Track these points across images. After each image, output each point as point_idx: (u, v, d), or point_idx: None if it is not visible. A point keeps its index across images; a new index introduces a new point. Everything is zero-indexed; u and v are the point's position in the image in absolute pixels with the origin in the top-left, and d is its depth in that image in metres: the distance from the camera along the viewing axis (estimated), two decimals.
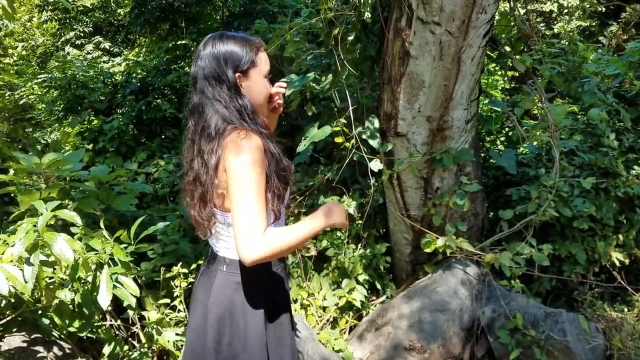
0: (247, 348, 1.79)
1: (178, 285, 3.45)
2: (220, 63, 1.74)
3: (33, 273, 2.00)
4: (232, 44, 1.77)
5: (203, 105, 1.76)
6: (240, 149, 1.62)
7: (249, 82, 1.80)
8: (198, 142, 1.76)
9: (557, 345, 3.11)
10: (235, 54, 1.76)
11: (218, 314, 1.79)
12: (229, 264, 1.82)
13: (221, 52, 1.75)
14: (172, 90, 6.86)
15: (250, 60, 1.78)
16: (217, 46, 1.76)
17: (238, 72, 1.76)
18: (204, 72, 1.75)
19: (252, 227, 1.59)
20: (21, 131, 4.65)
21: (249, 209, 1.60)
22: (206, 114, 1.75)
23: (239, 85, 1.77)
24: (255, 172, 1.63)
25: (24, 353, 2.41)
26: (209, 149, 1.71)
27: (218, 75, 1.74)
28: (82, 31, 11.33)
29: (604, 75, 4.44)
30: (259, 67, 1.82)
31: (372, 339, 3.42)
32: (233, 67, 1.75)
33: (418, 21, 3.05)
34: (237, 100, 1.76)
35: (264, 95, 1.88)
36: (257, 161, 1.64)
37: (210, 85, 1.75)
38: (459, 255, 3.61)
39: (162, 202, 5.37)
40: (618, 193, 3.78)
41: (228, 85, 1.75)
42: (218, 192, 1.72)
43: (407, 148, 3.58)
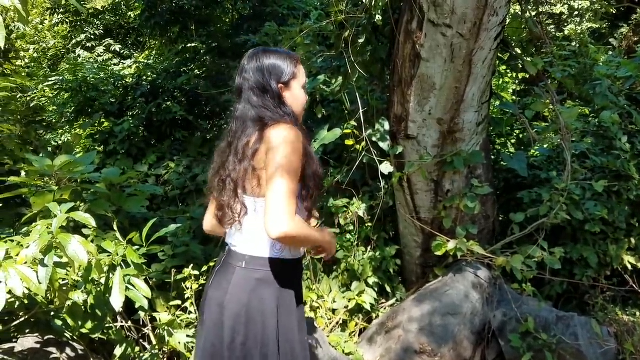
0: (263, 346, 1.80)
1: (189, 287, 3.46)
2: (264, 75, 1.89)
3: (47, 274, 2.02)
4: (274, 57, 1.92)
5: (249, 112, 1.88)
6: (286, 137, 1.75)
7: (290, 92, 1.95)
8: (236, 141, 1.87)
9: (569, 349, 3.09)
10: (278, 67, 1.91)
11: (234, 312, 1.81)
12: (249, 260, 1.85)
13: (265, 65, 1.90)
14: (182, 93, 6.90)
15: (292, 72, 1.93)
16: (261, 60, 1.91)
17: (281, 84, 1.91)
18: (249, 84, 1.90)
19: (286, 205, 1.67)
20: (33, 133, 4.67)
21: (285, 190, 1.69)
22: (252, 117, 1.87)
23: (282, 95, 1.91)
24: (295, 160, 1.75)
25: (37, 354, 2.43)
26: (250, 135, 1.82)
27: (263, 87, 1.89)
28: (93, 34, 11.40)
29: (615, 78, 4.41)
30: (298, 79, 1.97)
31: (382, 342, 3.42)
32: (276, 79, 1.90)
33: (429, 23, 3.05)
34: (281, 108, 1.89)
35: (302, 104, 2.02)
36: (298, 151, 1.76)
37: (256, 95, 1.88)
38: (469, 258, 3.59)
39: (172, 204, 5.40)
40: (630, 196, 3.75)
41: (272, 95, 1.89)
42: (255, 176, 1.81)
43: (417, 150, 3.57)
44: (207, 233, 2.22)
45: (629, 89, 4.29)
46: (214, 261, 3.71)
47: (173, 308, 3.44)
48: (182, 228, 4.17)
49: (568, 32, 10.90)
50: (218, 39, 7.29)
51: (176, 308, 3.45)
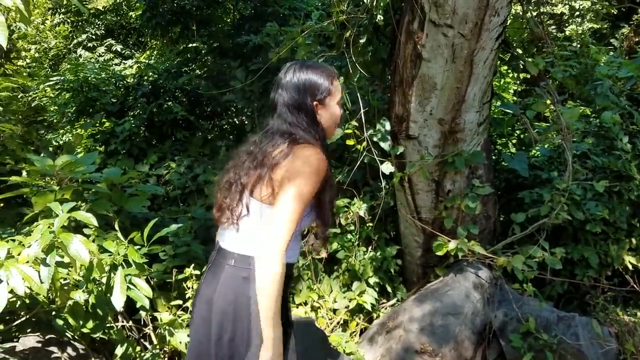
0: (250, 344, 1.79)
1: (190, 286, 3.46)
2: (300, 91, 1.88)
3: (49, 274, 2.02)
4: (311, 73, 1.90)
5: (281, 128, 1.88)
6: (311, 161, 1.76)
7: (325, 109, 1.93)
8: (261, 147, 1.87)
9: (570, 350, 3.09)
10: (313, 84, 1.89)
11: (221, 309, 1.81)
12: (238, 258, 1.84)
13: (301, 82, 1.89)
14: (183, 93, 6.90)
15: (327, 89, 1.91)
16: (297, 75, 1.90)
17: (316, 101, 1.90)
18: (284, 99, 1.89)
19: (286, 232, 1.70)
20: (34, 133, 4.68)
21: (292, 212, 1.71)
22: (283, 132, 1.86)
23: (315, 113, 1.90)
24: (312, 185, 1.76)
25: (38, 353, 2.43)
26: (277, 148, 1.81)
27: (298, 104, 1.88)
28: (94, 34, 11.41)
29: (616, 78, 4.41)
30: (334, 95, 1.94)
31: (383, 342, 3.42)
32: (311, 96, 1.89)
33: (430, 24, 3.05)
34: (312, 127, 1.89)
35: (336, 121, 2.01)
36: (318, 177, 1.77)
37: (290, 112, 1.88)
38: (470, 258, 3.59)
39: (173, 204, 5.40)
40: (631, 196, 3.75)
41: (306, 112, 1.88)
42: (269, 185, 1.79)
43: (418, 150, 3.58)
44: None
45: (630, 90, 4.29)
46: None
47: (174, 308, 3.44)
48: (183, 228, 4.17)
49: (569, 32, 10.89)
50: (219, 39, 7.28)
51: (177, 308, 3.45)
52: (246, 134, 6.15)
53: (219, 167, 5.71)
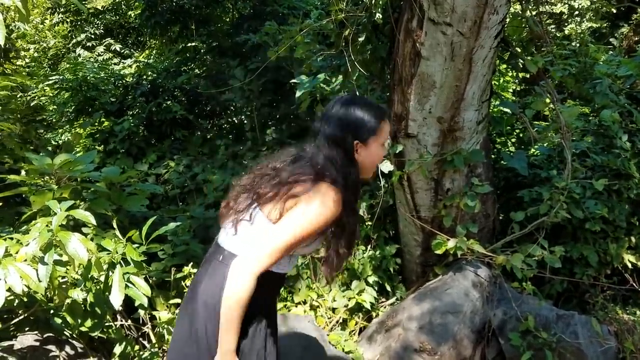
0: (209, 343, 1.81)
1: (189, 285, 3.45)
2: (342, 128, 1.81)
3: (47, 272, 2.01)
4: (359, 111, 1.83)
5: (315, 158, 1.84)
6: (325, 201, 1.72)
7: (366, 150, 1.86)
8: (284, 169, 1.86)
9: (569, 348, 3.08)
10: (359, 123, 1.82)
11: (203, 301, 1.82)
12: (227, 255, 1.85)
13: (347, 119, 1.82)
14: (182, 92, 6.90)
15: (373, 130, 1.84)
16: (344, 110, 1.83)
17: (357, 140, 1.82)
18: (326, 132, 1.83)
19: (267, 258, 1.70)
20: (33, 132, 4.68)
21: (283, 244, 1.71)
22: (315, 163, 1.82)
23: (354, 152, 1.84)
24: (313, 225, 1.72)
25: (36, 352, 2.42)
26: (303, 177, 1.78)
27: (337, 140, 1.81)
28: (93, 33, 11.40)
29: (615, 77, 4.41)
30: (378, 137, 1.86)
31: (382, 341, 3.41)
32: (354, 135, 1.82)
33: (429, 22, 3.05)
34: (347, 167, 1.82)
35: (377, 162, 1.96)
36: (323, 220, 1.73)
37: (329, 147, 1.82)
38: (469, 257, 3.59)
39: (172, 203, 5.40)
40: (630, 195, 3.75)
41: (345, 150, 1.82)
42: (278, 210, 1.77)
43: (417, 149, 3.57)
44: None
45: (629, 88, 4.29)
46: None
47: (173, 306, 3.44)
48: (182, 227, 4.17)
49: (568, 31, 10.89)
50: (218, 38, 7.28)
51: (176, 306, 3.45)
52: (245, 133, 6.16)
53: (218, 165, 5.72)
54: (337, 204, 1.74)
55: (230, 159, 5.93)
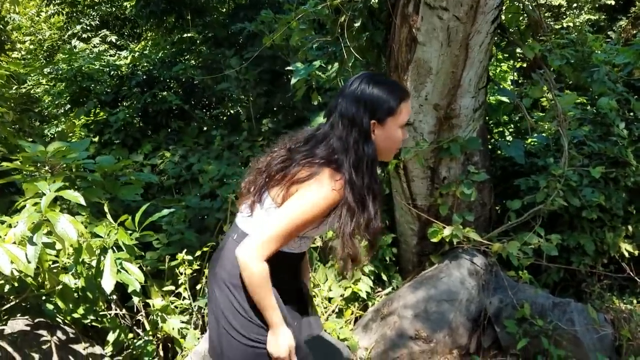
0: (229, 321, 1.84)
1: (182, 272, 3.43)
2: (359, 107, 1.73)
3: (36, 253, 1.99)
4: (377, 89, 1.75)
5: (327, 137, 1.78)
6: (324, 188, 1.68)
7: (383, 130, 1.77)
8: (297, 150, 1.82)
9: (565, 335, 3.07)
10: (376, 101, 1.74)
11: (222, 278, 1.87)
12: (240, 234, 1.87)
13: (363, 96, 1.74)
14: (178, 83, 6.86)
15: (391, 109, 1.75)
16: (362, 87, 1.75)
17: (374, 120, 1.75)
18: (341, 111, 1.75)
19: (266, 245, 1.69)
20: (27, 121, 4.64)
21: (280, 231, 1.70)
22: (325, 143, 1.77)
23: (370, 132, 1.75)
24: (311, 212, 1.69)
25: (27, 336, 2.40)
26: (307, 163, 1.75)
27: (352, 118, 1.73)
28: (89, 25, 11.33)
29: (613, 65, 4.39)
30: (397, 117, 1.78)
31: (377, 329, 3.40)
32: (370, 113, 1.73)
33: (425, 6, 3.02)
34: (361, 147, 1.74)
35: (396, 144, 1.87)
36: (320, 207, 1.69)
37: (342, 125, 1.75)
38: (466, 245, 3.58)
39: (167, 194, 5.37)
40: (628, 183, 3.73)
41: (359, 130, 1.73)
42: (283, 194, 1.76)
43: (414, 137, 3.54)
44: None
45: (626, 76, 4.26)
46: (207, 247, 3.71)
47: (167, 294, 3.42)
48: (177, 216, 4.14)
49: (566, 23, 10.88)
50: (214, 28, 7.24)
51: (170, 294, 3.43)
52: (241, 123, 6.13)
53: (213, 156, 5.69)
54: (338, 190, 1.69)
55: (226, 150, 5.90)
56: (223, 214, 4.26)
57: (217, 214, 4.46)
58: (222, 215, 4.29)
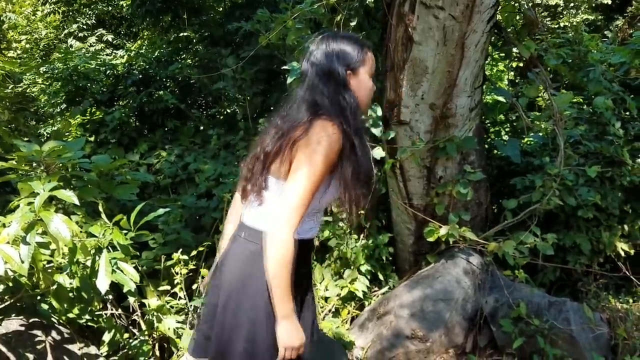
0: (253, 318, 1.80)
1: (178, 272, 3.42)
2: (332, 60, 1.82)
3: (29, 252, 1.97)
4: (344, 42, 1.86)
5: (307, 97, 1.83)
6: (322, 138, 1.71)
7: (358, 79, 1.87)
8: (284, 119, 1.85)
9: (561, 335, 3.07)
10: (347, 53, 1.84)
11: (229, 279, 1.86)
12: (250, 232, 1.87)
13: (334, 50, 1.83)
14: (174, 82, 6.84)
15: (361, 59, 1.85)
16: (330, 44, 1.84)
17: (349, 70, 1.83)
18: (316, 69, 1.83)
19: (295, 211, 1.69)
20: (22, 120, 4.62)
21: (302, 191, 1.69)
22: (308, 102, 1.82)
23: (348, 82, 1.84)
24: (323, 161, 1.70)
25: (21, 337, 2.39)
26: (296, 123, 1.77)
27: (330, 72, 1.82)
28: (85, 24, 11.29)
29: (609, 64, 4.39)
30: (366, 66, 1.88)
31: (373, 328, 3.40)
32: (344, 64, 1.82)
33: (421, 6, 3.01)
34: (343, 96, 1.82)
35: (369, 93, 1.94)
36: (330, 153, 1.71)
37: (321, 81, 1.82)
38: (462, 245, 3.58)
39: (163, 193, 5.36)
40: (623, 182, 3.73)
41: (337, 81, 1.82)
42: (287, 162, 1.77)
43: (410, 136, 3.54)
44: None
45: (622, 75, 4.26)
46: (203, 246, 3.70)
47: (162, 294, 3.41)
48: (173, 216, 4.13)
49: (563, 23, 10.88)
50: (210, 27, 7.22)
51: (165, 293, 3.42)
52: (237, 123, 6.11)
53: (210, 155, 5.68)
54: (337, 136, 1.73)
55: (223, 149, 5.89)
56: (219, 214, 4.25)
57: (214, 213, 4.45)
58: (219, 215, 4.29)
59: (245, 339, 1.81)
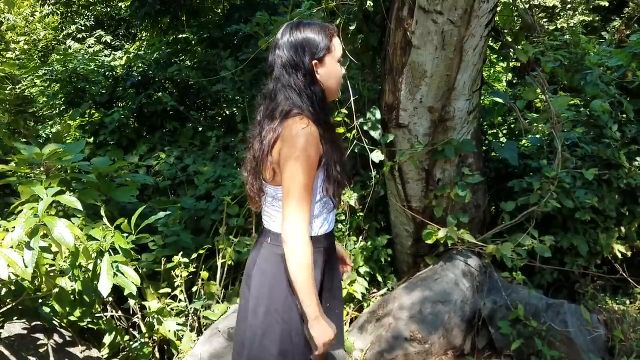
0: (287, 320, 1.84)
1: (179, 275, 3.44)
2: (297, 51, 1.81)
3: (33, 258, 1.99)
4: (309, 31, 1.83)
5: (277, 91, 1.85)
6: (298, 134, 1.73)
7: (325, 68, 1.85)
8: (262, 122, 1.88)
9: (559, 336, 3.10)
10: (312, 42, 1.82)
11: (258, 283, 1.89)
12: (273, 237, 1.91)
13: (298, 41, 1.82)
14: (173, 84, 6.85)
15: (326, 47, 1.84)
16: (294, 35, 1.83)
17: (315, 60, 1.82)
18: (282, 61, 1.83)
19: (298, 210, 1.72)
20: (22, 122, 4.63)
21: (299, 190, 1.73)
22: (278, 99, 1.84)
23: (315, 72, 1.84)
24: (306, 159, 1.73)
25: (24, 340, 2.41)
26: (270, 127, 1.81)
27: (295, 64, 1.81)
28: (84, 25, 11.30)
29: (606, 67, 4.41)
30: (333, 53, 1.87)
31: (373, 330, 3.42)
32: (310, 54, 1.82)
33: (420, 10, 3.03)
34: (310, 88, 1.83)
35: (338, 80, 1.93)
36: (310, 148, 1.74)
37: (287, 74, 1.82)
38: (460, 247, 3.60)
39: (163, 195, 5.36)
40: (620, 185, 3.76)
41: (304, 73, 1.82)
42: (270, 168, 1.82)
43: (408, 139, 3.57)
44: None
45: (619, 78, 4.29)
46: (204, 249, 3.71)
47: (163, 297, 3.43)
48: (173, 218, 4.15)
49: (560, 25, 10.91)
50: (209, 29, 7.23)
51: (166, 296, 3.44)
52: (237, 125, 6.12)
53: (209, 157, 5.69)
54: (310, 127, 1.76)
55: (222, 151, 5.90)
56: (219, 216, 4.27)
57: (213, 215, 4.46)
58: (218, 217, 4.30)
59: (280, 340, 1.85)
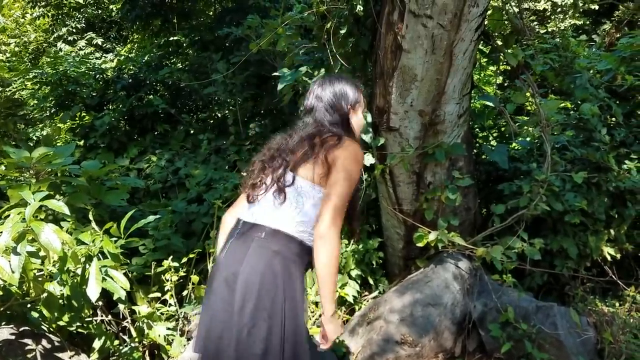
0: (270, 318, 1.89)
1: (169, 279, 3.42)
2: (338, 98, 2.20)
3: (20, 263, 1.98)
4: (344, 84, 2.24)
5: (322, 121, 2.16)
6: (357, 157, 2.04)
7: (355, 115, 2.26)
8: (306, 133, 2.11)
9: (548, 339, 3.11)
10: (347, 93, 2.23)
11: (247, 279, 1.90)
12: (269, 232, 1.97)
13: (337, 91, 2.22)
14: (164, 86, 6.83)
15: (357, 98, 2.26)
16: (334, 85, 2.22)
17: (350, 106, 2.22)
18: (324, 104, 2.19)
19: (341, 212, 1.90)
20: (12, 125, 4.60)
21: (343, 196, 1.92)
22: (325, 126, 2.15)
23: (349, 117, 2.22)
24: (355, 179, 2.01)
25: (11, 345, 2.38)
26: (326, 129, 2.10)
27: (336, 107, 2.19)
28: (75, 27, 11.24)
29: (595, 71, 4.44)
30: (361, 104, 2.29)
31: (363, 333, 3.42)
32: (346, 102, 2.21)
33: (410, 14, 3.04)
34: (347, 127, 2.19)
35: (361, 126, 2.33)
36: (359, 171, 2.04)
37: (329, 112, 2.18)
38: (451, 249, 3.60)
39: (154, 198, 5.35)
40: (609, 187, 3.78)
41: (342, 115, 2.19)
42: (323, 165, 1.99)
43: (399, 142, 3.57)
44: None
45: (608, 82, 4.32)
46: (194, 253, 3.70)
47: (153, 301, 3.41)
48: (164, 221, 4.13)
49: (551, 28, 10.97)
50: (200, 32, 7.22)
51: (156, 300, 3.42)
52: (228, 127, 6.12)
53: (200, 160, 5.68)
54: (361, 154, 2.06)
55: (213, 154, 5.90)
56: (210, 219, 4.26)
57: (204, 218, 4.45)
58: (209, 220, 4.29)
59: (266, 338, 1.89)
